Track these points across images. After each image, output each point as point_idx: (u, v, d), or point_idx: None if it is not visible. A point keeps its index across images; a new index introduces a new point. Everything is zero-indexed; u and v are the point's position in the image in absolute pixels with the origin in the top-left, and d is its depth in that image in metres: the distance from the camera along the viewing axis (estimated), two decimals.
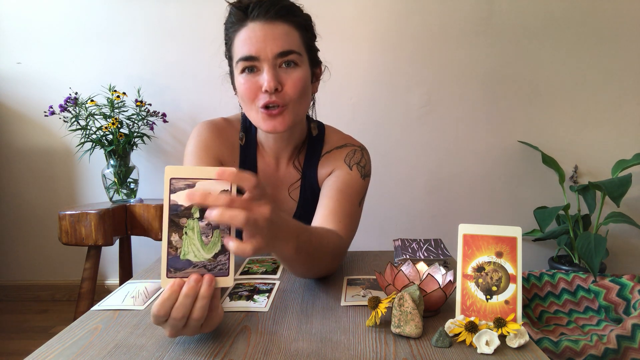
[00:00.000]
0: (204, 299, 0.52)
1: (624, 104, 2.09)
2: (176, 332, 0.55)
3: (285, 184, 0.99)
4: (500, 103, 2.11)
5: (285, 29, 0.81)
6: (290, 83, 0.82)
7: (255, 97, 0.82)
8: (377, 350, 0.55)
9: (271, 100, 0.81)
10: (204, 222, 0.54)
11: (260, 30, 0.80)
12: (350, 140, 1.00)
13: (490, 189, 2.17)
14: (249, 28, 0.81)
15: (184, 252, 0.54)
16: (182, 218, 0.53)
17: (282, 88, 0.81)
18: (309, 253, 0.68)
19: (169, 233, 0.53)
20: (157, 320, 0.53)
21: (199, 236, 0.54)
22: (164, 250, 0.53)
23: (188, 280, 0.53)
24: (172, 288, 0.52)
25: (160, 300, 0.52)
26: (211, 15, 2.02)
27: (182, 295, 0.52)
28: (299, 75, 0.83)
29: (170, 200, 0.53)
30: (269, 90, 0.80)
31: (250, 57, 0.80)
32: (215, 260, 0.54)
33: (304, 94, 0.85)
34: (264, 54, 0.80)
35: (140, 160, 2.09)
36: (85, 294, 1.73)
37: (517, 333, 0.56)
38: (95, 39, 2.10)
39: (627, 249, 2.16)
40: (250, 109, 0.85)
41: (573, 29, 2.06)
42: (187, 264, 0.54)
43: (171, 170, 0.54)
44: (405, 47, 2.09)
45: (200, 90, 2.10)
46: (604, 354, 1.26)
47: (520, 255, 0.60)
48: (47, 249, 2.22)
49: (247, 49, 0.80)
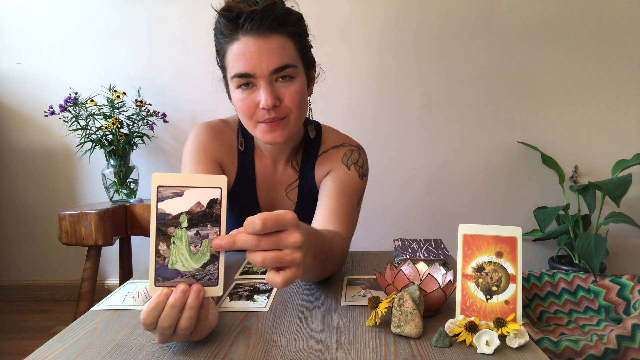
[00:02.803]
0: (191, 309, 0.52)
1: (624, 104, 2.09)
2: (165, 340, 0.54)
3: (283, 184, 0.99)
4: (500, 103, 2.11)
5: (280, 41, 0.79)
6: (288, 96, 0.81)
7: (254, 113, 0.82)
8: (377, 350, 0.55)
9: (270, 117, 0.81)
10: (192, 232, 0.53)
11: (254, 45, 0.77)
12: (347, 139, 1.00)
13: (490, 189, 2.17)
14: (241, 43, 0.78)
15: (171, 262, 0.52)
16: (170, 227, 0.52)
17: (280, 103, 0.81)
18: (323, 259, 0.68)
19: (157, 242, 0.52)
20: (145, 328, 0.53)
21: (187, 246, 0.53)
22: (152, 259, 0.52)
23: (175, 291, 0.51)
24: (159, 298, 0.51)
25: (146, 309, 0.51)
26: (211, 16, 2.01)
27: (169, 305, 0.51)
28: (296, 88, 0.82)
29: (158, 209, 0.52)
30: (266, 108, 0.79)
31: (245, 74, 0.79)
32: (204, 270, 0.53)
33: (302, 104, 0.84)
34: (260, 70, 0.78)
35: (140, 160, 2.09)
36: (85, 294, 1.73)
37: (517, 333, 0.56)
38: (95, 39, 2.10)
39: (627, 249, 2.16)
40: (248, 122, 0.84)
41: (573, 29, 2.06)
42: (175, 274, 0.53)
43: (158, 178, 0.52)
44: (405, 47, 2.09)
45: (200, 90, 2.10)
46: (604, 354, 1.26)
47: (520, 255, 0.60)
48: (47, 249, 2.22)
49: (242, 66, 0.78)
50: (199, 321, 0.55)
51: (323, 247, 0.67)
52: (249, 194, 0.98)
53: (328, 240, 0.71)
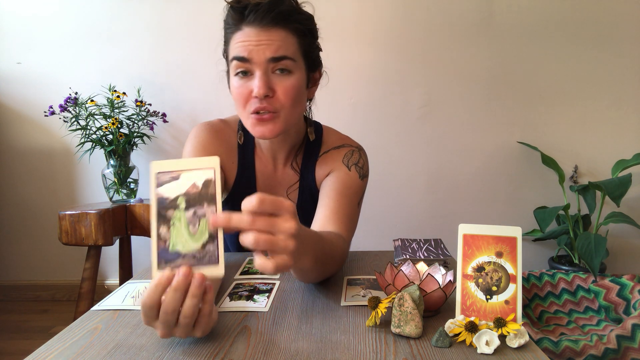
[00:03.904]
0: (195, 297, 0.52)
1: (624, 104, 2.09)
2: (168, 330, 0.53)
3: (284, 185, 0.99)
4: (500, 103, 2.11)
5: (282, 34, 0.79)
6: (282, 90, 0.81)
7: (247, 101, 0.82)
8: (377, 350, 0.55)
9: (261, 107, 0.80)
10: (189, 212, 0.54)
11: (255, 35, 0.78)
12: (347, 140, 1.00)
13: (490, 189, 2.17)
14: (244, 32, 0.79)
15: (172, 244, 0.54)
16: (169, 210, 0.54)
17: (273, 94, 0.81)
18: (323, 261, 0.68)
19: (158, 226, 0.54)
20: (146, 314, 0.52)
21: (187, 226, 0.54)
22: (154, 244, 0.53)
23: (177, 273, 0.52)
24: (161, 279, 0.52)
25: (147, 290, 0.51)
26: (211, 15, 2.01)
27: (172, 288, 0.51)
28: (291, 82, 0.81)
29: (157, 194, 0.54)
30: (258, 96, 0.79)
31: (242, 57, 0.79)
32: (203, 250, 0.54)
33: (296, 101, 0.84)
34: (257, 57, 0.78)
35: (140, 160, 2.09)
36: (85, 294, 1.73)
37: (517, 333, 0.56)
38: (95, 39, 2.10)
39: (627, 249, 2.16)
40: (242, 113, 0.84)
41: (573, 29, 2.06)
42: (176, 255, 0.54)
43: (157, 166, 0.54)
44: (405, 47, 2.09)
45: (200, 90, 2.10)
46: (604, 354, 1.26)
47: (520, 255, 0.60)
48: (47, 249, 2.22)
49: (241, 50, 0.79)
50: (203, 317, 0.54)
51: (323, 249, 0.67)
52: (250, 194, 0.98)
53: (328, 242, 0.71)
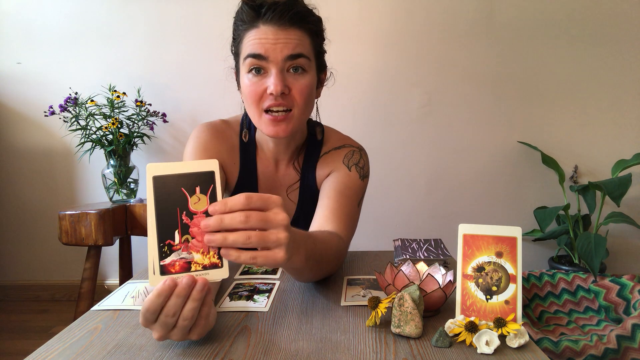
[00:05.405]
0: (196, 300, 0.52)
1: (624, 103, 2.09)
2: (165, 333, 0.53)
3: (284, 185, 0.99)
4: (500, 103, 2.11)
5: (298, 34, 0.80)
6: (298, 88, 0.81)
7: (260, 99, 0.82)
8: (377, 350, 0.55)
9: (277, 103, 0.80)
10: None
11: (273, 34, 0.78)
12: (348, 141, 1.00)
13: (490, 189, 2.17)
14: (260, 30, 0.79)
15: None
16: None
17: (288, 92, 0.81)
18: (316, 260, 0.68)
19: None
20: (146, 318, 0.52)
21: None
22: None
23: (181, 281, 0.52)
24: (164, 286, 0.51)
25: (150, 297, 0.51)
26: (211, 15, 2.02)
27: (175, 294, 0.51)
28: (306, 81, 0.82)
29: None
30: (275, 93, 0.79)
31: (259, 55, 0.79)
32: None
33: (309, 101, 0.84)
34: (274, 55, 0.78)
35: (140, 160, 2.09)
36: (85, 294, 1.73)
37: (517, 333, 0.56)
38: (95, 39, 2.10)
39: (627, 249, 2.16)
40: (254, 110, 0.84)
41: (573, 29, 2.06)
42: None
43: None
44: (405, 47, 2.09)
45: (200, 90, 2.10)
46: (604, 354, 1.26)
47: (520, 255, 0.60)
48: (47, 249, 2.22)
49: (257, 47, 0.79)
50: (201, 319, 0.55)
51: (315, 247, 0.67)
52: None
53: (320, 240, 0.71)
